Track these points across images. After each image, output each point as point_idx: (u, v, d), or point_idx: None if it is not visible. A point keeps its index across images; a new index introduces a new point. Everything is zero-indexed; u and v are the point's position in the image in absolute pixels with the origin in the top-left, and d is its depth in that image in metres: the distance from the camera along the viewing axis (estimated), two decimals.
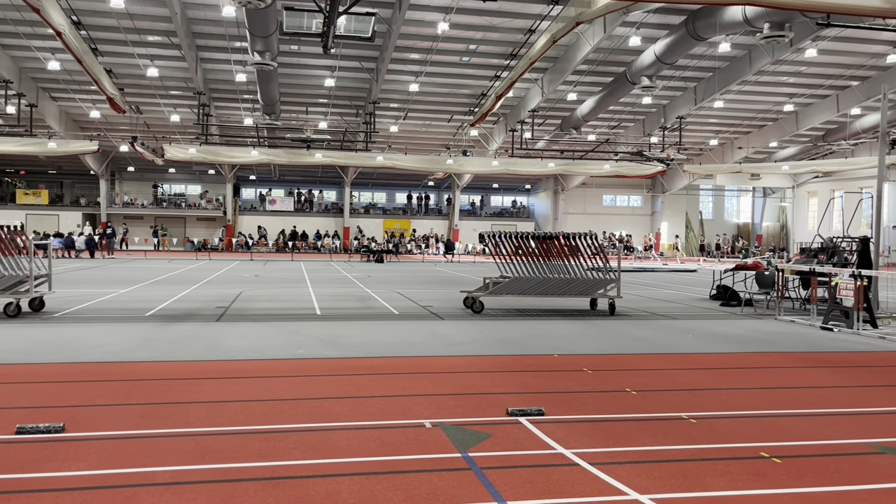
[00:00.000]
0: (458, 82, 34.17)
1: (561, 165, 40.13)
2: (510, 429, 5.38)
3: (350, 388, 6.69)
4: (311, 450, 4.81)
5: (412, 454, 4.74)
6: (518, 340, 9.79)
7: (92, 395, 6.21)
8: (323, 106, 37.61)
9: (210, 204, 47.82)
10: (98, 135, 38.25)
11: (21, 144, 34.32)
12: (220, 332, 10.15)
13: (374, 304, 14.35)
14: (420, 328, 10.90)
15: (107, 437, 5.03)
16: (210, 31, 28.50)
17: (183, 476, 4.29)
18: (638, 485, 4.23)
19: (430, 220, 51.19)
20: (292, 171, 47.46)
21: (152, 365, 7.68)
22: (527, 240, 13.39)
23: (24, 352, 8.23)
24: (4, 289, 11.29)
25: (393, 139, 41.16)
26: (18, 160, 43.21)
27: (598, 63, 31.09)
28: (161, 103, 35.94)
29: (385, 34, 28.05)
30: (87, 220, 44.54)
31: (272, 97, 31.79)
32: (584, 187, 49.91)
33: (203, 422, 5.46)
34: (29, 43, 28.64)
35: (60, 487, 4.07)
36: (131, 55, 29.81)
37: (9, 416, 5.48)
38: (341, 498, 3.95)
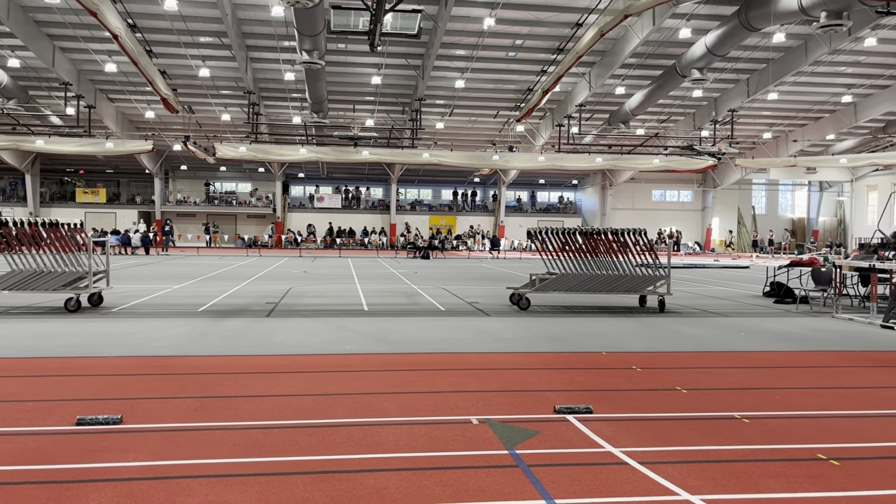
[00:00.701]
0: (503, 78, 34.04)
1: (609, 160, 39.63)
2: (558, 426, 5.34)
3: (397, 383, 6.73)
4: (359, 444, 4.85)
5: (459, 450, 4.74)
6: (565, 337, 9.71)
7: (147, 388, 6.37)
8: (369, 103, 37.91)
9: (260, 201, 48.68)
10: (152, 134, 39.33)
11: (80, 145, 35.50)
12: (270, 327, 10.32)
13: (420, 301, 14.41)
14: (466, 324, 10.90)
15: (161, 429, 5.16)
16: (259, 31, 28.98)
17: (234, 468, 4.37)
18: (689, 485, 4.15)
19: (476, 216, 51.16)
20: (340, 168, 48.00)
21: (205, 359, 7.86)
22: (574, 236, 13.26)
23: (84, 345, 8.51)
24: (65, 284, 11.69)
25: (439, 136, 41.25)
26: (78, 160, 44.74)
27: (647, 56, 30.59)
28: (212, 103, 36.72)
29: (431, 31, 28.10)
30: (142, 218, 45.84)
31: (320, 95, 32.17)
32: (632, 182, 49.23)
33: (253, 415, 5.56)
34: (87, 46, 29.57)
35: (118, 478, 4.19)
36: (184, 56, 30.53)
37: (70, 407, 5.67)
38: (389, 493, 3.98)
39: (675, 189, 52.01)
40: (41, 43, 28.77)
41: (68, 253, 11.94)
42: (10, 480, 4.11)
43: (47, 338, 8.99)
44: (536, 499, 3.92)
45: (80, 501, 3.81)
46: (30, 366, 7.28)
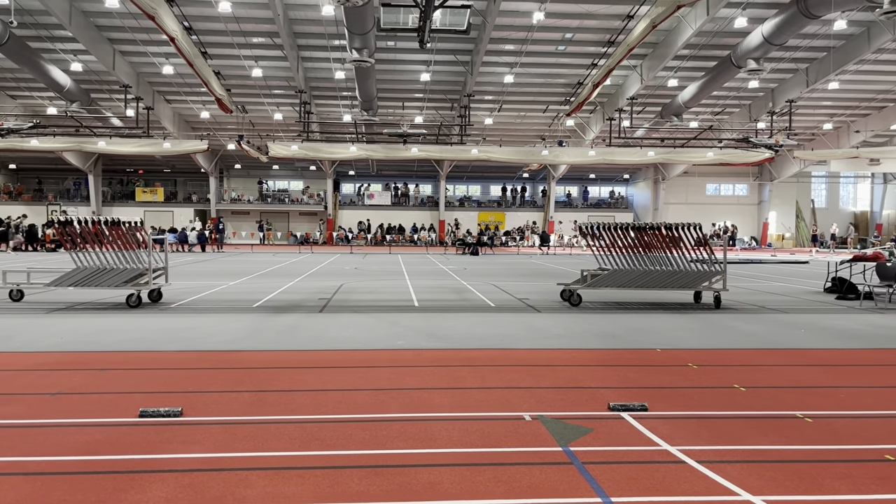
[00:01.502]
0: (553, 72, 33.73)
1: (661, 154, 38.89)
2: (612, 424, 5.27)
3: (448, 379, 6.74)
4: (413, 439, 4.87)
5: (512, 447, 4.73)
6: (618, 334, 9.58)
7: (206, 382, 6.53)
8: (419, 100, 38.03)
9: (311, 199, 49.35)
10: (207, 134, 40.26)
11: (139, 145, 36.57)
12: (322, 322, 10.45)
13: (470, 297, 14.40)
14: (517, 320, 10.85)
15: (220, 422, 5.28)
16: (310, 30, 29.35)
17: (291, 462, 4.44)
18: (750, 485, 4.04)
19: (525, 212, 50.88)
20: (389, 165, 48.34)
21: (260, 354, 8.00)
22: (626, 231, 13.07)
23: (145, 340, 8.76)
24: (126, 281, 12.06)
25: (487, 131, 41.15)
26: (137, 160, 46.13)
27: (701, 47, 29.92)
28: (265, 102, 37.36)
29: (480, 26, 28.03)
30: (198, 216, 46.97)
31: (370, 93, 32.42)
32: (685, 176, 48.24)
33: (308, 409, 5.64)
34: (146, 49, 30.42)
35: (179, 469, 4.31)
36: (237, 57, 31.14)
37: (133, 400, 5.84)
38: (443, 488, 3.99)
39: (729, 183, 50.77)
40: (102, 47, 29.71)
41: (129, 250, 12.31)
42: (78, 470, 4.26)
43: (110, 333, 9.29)
44: (592, 497, 3.88)
45: (144, 491, 3.92)
46: (94, 359, 7.53)
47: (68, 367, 7.14)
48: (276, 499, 3.84)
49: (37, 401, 5.78)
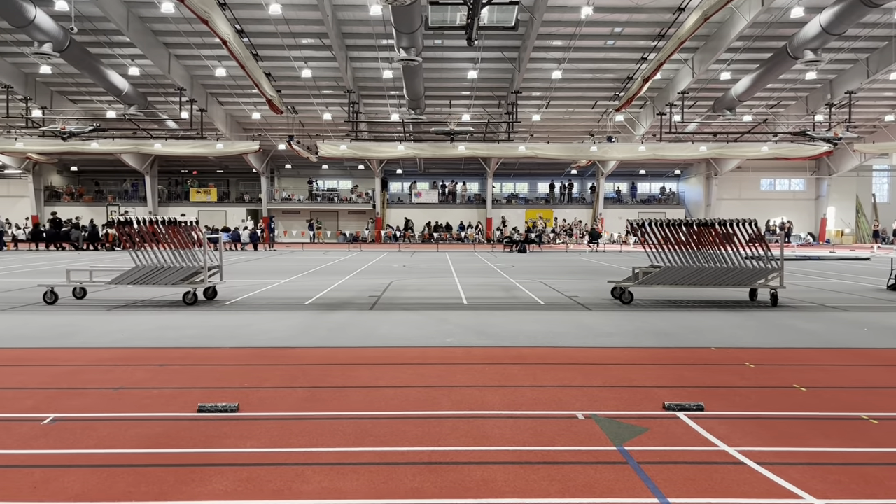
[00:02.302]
0: (602, 67, 33.35)
1: (714, 149, 38.09)
2: (667, 423, 5.18)
3: (499, 377, 6.73)
4: (465, 437, 4.88)
5: (566, 445, 4.69)
6: (671, 332, 9.41)
7: (261, 378, 6.65)
8: (465, 98, 38.04)
9: (360, 198, 49.84)
10: (259, 135, 41.03)
11: (193, 146, 37.50)
12: (373, 320, 10.54)
13: (518, 294, 14.34)
14: (566, 318, 10.76)
15: (275, 417, 5.37)
16: (358, 30, 29.63)
17: (345, 457, 4.49)
18: (813, 488, 3.93)
19: (574, 209, 50.42)
20: (436, 163, 48.49)
21: (313, 350, 8.12)
22: (679, 228, 12.83)
23: (202, 336, 8.97)
24: (183, 279, 12.37)
25: (535, 128, 40.91)
26: (191, 161, 47.29)
27: (755, 38, 29.19)
28: (314, 103, 37.87)
29: (527, 23, 27.87)
30: (250, 216, 47.90)
31: (417, 92, 32.56)
32: (739, 171, 47.13)
33: (361, 406, 5.70)
34: (199, 52, 31.16)
35: (237, 463, 4.40)
36: (287, 58, 31.63)
37: (191, 395, 5.99)
38: (497, 486, 3.98)
39: (785, 177, 49.40)
40: (158, 51, 30.52)
41: (186, 249, 12.62)
42: (141, 462, 4.39)
43: (168, 329, 9.54)
44: (649, 497, 3.82)
45: (204, 485, 4.02)
46: (154, 355, 7.75)
47: (130, 362, 7.35)
48: (332, 494, 3.89)
49: (101, 395, 5.98)
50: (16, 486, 3.97)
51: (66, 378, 6.59)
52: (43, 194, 47.53)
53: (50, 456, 4.49)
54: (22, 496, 3.83)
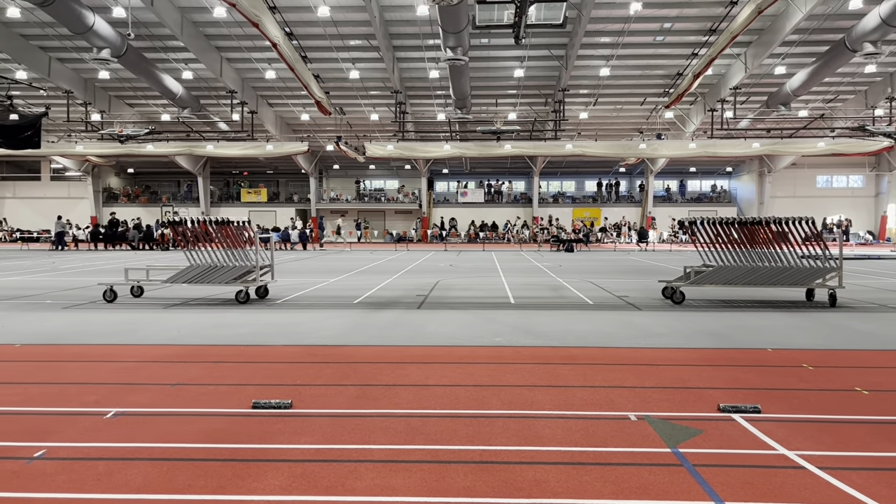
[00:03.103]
0: (651, 63, 32.86)
1: (767, 145, 37.17)
2: (723, 426, 5.08)
3: (549, 377, 6.69)
4: (516, 436, 4.86)
5: (618, 447, 4.64)
6: (724, 333, 9.22)
7: (313, 375, 6.75)
8: (512, 97, 37.91)
9: (406, 197, 50.13)
10: (307, 136, 41.61)
11: (244, 148, 38.26)
12: (421, 318, 10.59)
13: (566, 294, 14.23)
14: (616, 318, 10.63)
15: (328, 414, 5.44)
16: (405, 31, 29.81)
17: (397, 455, 4.53)
18: (879, 494, 3.80)
19: (622, 207, 49.79)
20: (482, 162, 48.45)
21: (363, 349, 8.19)
22: (732, 226, 12.55)
23: (254, 334, 9.15)
24: (235, 278, 12.63)
25: (582, 126, 40.54)
26: (242, 162, 48.26)
27: (811, 31, 28.36)
28: (362, 104, 38.24)
29: (575, 20, 27.63)
30: (299, 216, 48.62)
31: (463, 91, 32.58)
32: (793, 168, 45.87)
33: (411, 404, 5.73)
34: (250, 55, 31.77)
35: (291, 459, 4.47)
36: (335, 60, 32.01)
37: (245, 391, 6.11)
38: (549, 486, 3.96)
39: (843, 174, 47.87)
40: (210, 55, 31.22)
41: (238, 249, 12.88)
42: (199, 457, 4.50)
43: (222, 327, 9.75)
44: (705, 500, 3.75)
45: (260, 480, 4.10)
46: (209, 352, 7.93)
47: (186, 359, 7.54)
48: (385, 491, 3.93)
49: (159, 390, 6.15)
50: (81, 478, 4.11)
51: (127, 374, 6.80)
52: (101, 196, 49.09)
53: (113, 449, 4.63)
54: (87, 488, 3.97)
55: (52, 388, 6.24)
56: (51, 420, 5.26)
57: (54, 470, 4.24)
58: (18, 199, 49.79)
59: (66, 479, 4.09)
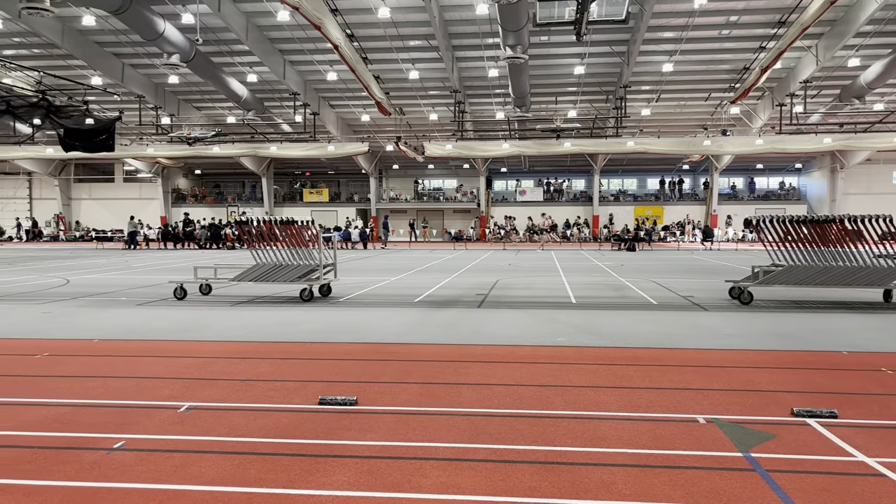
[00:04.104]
0: (716, 58, 32.01)
1: (840, 141, 35.71)
2: (797, 430, 4.92)
3: (613, 378, 6.60)
4: (581, 437, 4.82)
5: (687, 450, 4.54)
6: (796, 335, 8.92)
7: (377, 373, 6.83)
8: (572, 94, 37.51)
9: (465, 196, 50.16)
10: (368, 137, 42.07)
11: (306, 149, 38.98)
12: (482, 318, 10.59)
13: (629, 294, 14.01)
14: (682, 319, 10.41)
15: (392, 411, 5.50)
16: (464, 30, 29.82)
17: (462, 453, 4.54)
18: None
19: (685, 205, 48.62)
20: (542, 161, 48.02)
21: (425, 347, 8.25)
22: (803, 224, 12.13)
23: (319, 332, 9.32)
24: (300, 276, 12.88)
25: (644, 123, 39.79)
26: (304, 163, 49.14)
27: (888, 21, 27.14)
28: (421, 104, 38.43)
29: (637, 15, 27.16)
30: (359, 215, 49.22)
31: (523, 89, 32.41)
32: (868, 164, 43.95)
33: (474, 402, 5.74)
34: (312, 58, 32.33)
35: (358, 454, 4.54)
36: (395, 61, 32.26)
37: (312, 388, 6.23)
38: (616, 488, 3.91)
39: None
40: (274, 58, 31.91)
41: (302, 248, 13.13)
42: (269, 451, 4.61)
43: (288, 324, 9.96)
44: None
45: (328, 475, 4.17)
46: (276, 349, 8.12)
47: (254, 355, 7.74)
48: (450, 489, 3.95)
49: (230, 386, 6.32)
50: (158, 469, 4.27)
51: (198, 369, 7.02)
52: (170, 196, 50.74)
53: (187, 442, 4.79)
54: (163, 479, 4.11)
55: (129, 381, 6.50)
56: (129, 412, 5.48)
57: (133, 461, 4.41)
58: (94, 199, 51.92)
59: (144, 470, 4.26)
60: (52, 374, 6.81)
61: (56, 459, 4.43)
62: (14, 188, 52.16)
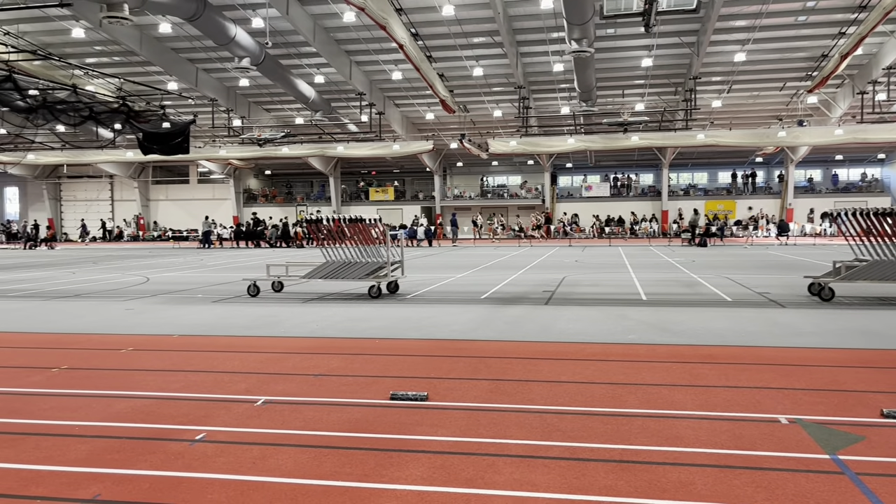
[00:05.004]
0: (791, 45, 30.84)
1: None
2: (888, 432, 4.69)
3: (687, 376, 6.44)
4: (656, 436, 4.72)
5: (769, 451, 4.38)
6: (883, 332, 8.51)
7: (446, 369, 6.85)
8: (639, 87, 36.80)
9: (529, 193, 49.86)
10: (432, 135, 42.29)
11: (372, 148, 39.48)
12: (549, 314, 10.50)
13: (702, 290, 13.65)
14: (758, 316, 10.07)
15: (463, 407, 5.51)
16: (528, 25, 29.62)
17: (534, 450, 4.51)
18: None
19: (759, 199, 47.06)
20: (608, 155, 47.29)
21: (493, 343, 8.24)
22: (889, 217, 11.55)
23: (388, 328, 9.42)
24: (368, 273, 13.05)
25: (715, 115, 38.68)
26: (370, 162, 49.76)
27: None
28: (485, 100, 38.38)
29: (708, 4, 26.40)
30: (424, 213, 49.53)
31: (588, 83, 31.98)
32: None
33: (545, 400, 5.69)
34: (377, 58, 32.72)
35: (430, 450, 4.56)
36: (459, 58, 32.32)
37: (383, 383, 6.30)
38: (696, 489, 3.81)
39: None
40: (340, 59, 32.43)
41: (370, 245, 13.31)
42: (343, 445, 4.68)
43: (358, 321, 10.11)
44: None
45: (402, 469, 4.21)
46: (347, 345, 8.24)
47: (325, 351, 7.88)
48: (524, 486, 3.92)
49: (303, 380, 6.46)
50: (238, 461, 4.39)
51: (273, 364, 7.19)
52: (242, 196, 52.23)
53: (264, 435, 4.91)
54: (243, 470, 4.23)
55: (207, 376, 6.71)
56: (208, 405, 5.66)
57: (214, 452, 4.56)
58: (170, 200, 53.92)
59: (224, 461, 4.39)
60: (135, 368, 7.10)
61: (143, 449, 4.61)
62: (97, 191, 54.67)
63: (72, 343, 8.68)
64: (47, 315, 11.19)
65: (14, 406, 5.73)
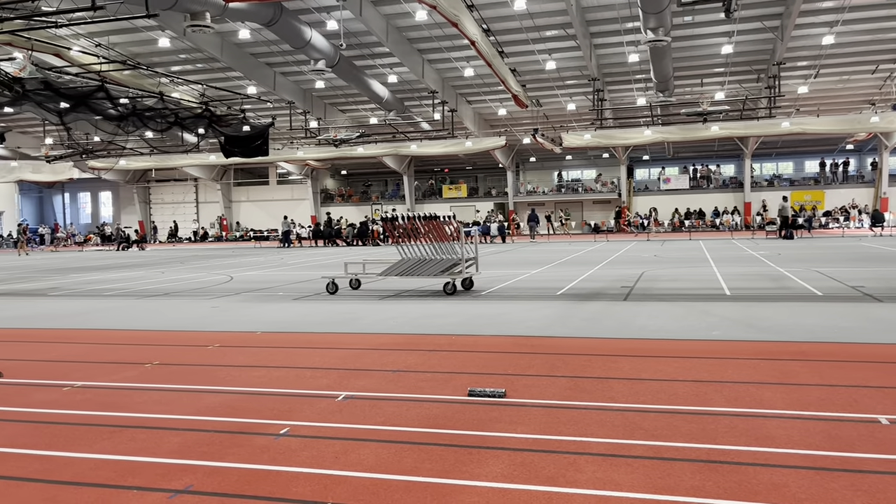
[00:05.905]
0: (885, 26, 29.18)
1: None
2: None
3: (776, 373, 6.18)
4: (745, 436, 4.54)
5: (870, 453, 4.16)
6: None
7: (523, 366, 6.80)
8: (719, 75, 35.60)
9: (605, 187, 49.02)
10: (504, 130, 42.13)
11: (445, 146, 39.67)
12: (628, 310, 10.29)
13: (789, 284, 13.09)
14: (852, 311, 9.59)
15: (541, 405, 5.45)
16: (602, 16, 29.09)
17: (615, 449, 4.42)
18: None
19: (849, 188, 44.77)
20: (686, 147, 45.96)
21: (570, 340, 8.13)
22: None
23: (464, 324, 9.43)
24: (443, 270, 13.11)
25: (801, 101, 37.03)
26: (443, 160, 50.00)
27: None
28: (558, 94, 37.95)
29: None
30: (498, 209, 49.40)
31: (665, 73, 31.17)
32: None
33: (626, 397, 5.57)
34: (449, 55, 32.81)
35: (510, 447, 4.53)
36: (531, 52, 32.06)
37: (460, 379, 6.31)
38: (790, 491, 3.64)
39: None
40: (413, 58, 32.68)
41: (444, 242, 13.36)
42: (423, 441, 4.71)
43: (434, 317, 10.17)
44: None
45: (482, 466, 4.20)
46: (424, 341, 8.30)
47: (403, 347, 7.96)
48: (607, 485, 3.85)
49: (382, 376, 6.54)
50: (321, 455, 4.47)
51: (352, 360, 7.31)
52: (319, 196, 53.43)
53: (346, 430, 4.99)
54: (327, 464, 4.31)
55: (289, 371, 6.88)
56: (291, 401, 5.80)
57: (298, 446, 4.66)
58: (251, 201, 55.69)
59: (308, 455, 4.48)
60: (221, 364, 7.35)
61: (230, 443, 4.77)
62: (183, 193, 57.01)
63: (163, 339, 9.07)
64: (140, 313, 11.74)
65: (111, 399, 6.02)
